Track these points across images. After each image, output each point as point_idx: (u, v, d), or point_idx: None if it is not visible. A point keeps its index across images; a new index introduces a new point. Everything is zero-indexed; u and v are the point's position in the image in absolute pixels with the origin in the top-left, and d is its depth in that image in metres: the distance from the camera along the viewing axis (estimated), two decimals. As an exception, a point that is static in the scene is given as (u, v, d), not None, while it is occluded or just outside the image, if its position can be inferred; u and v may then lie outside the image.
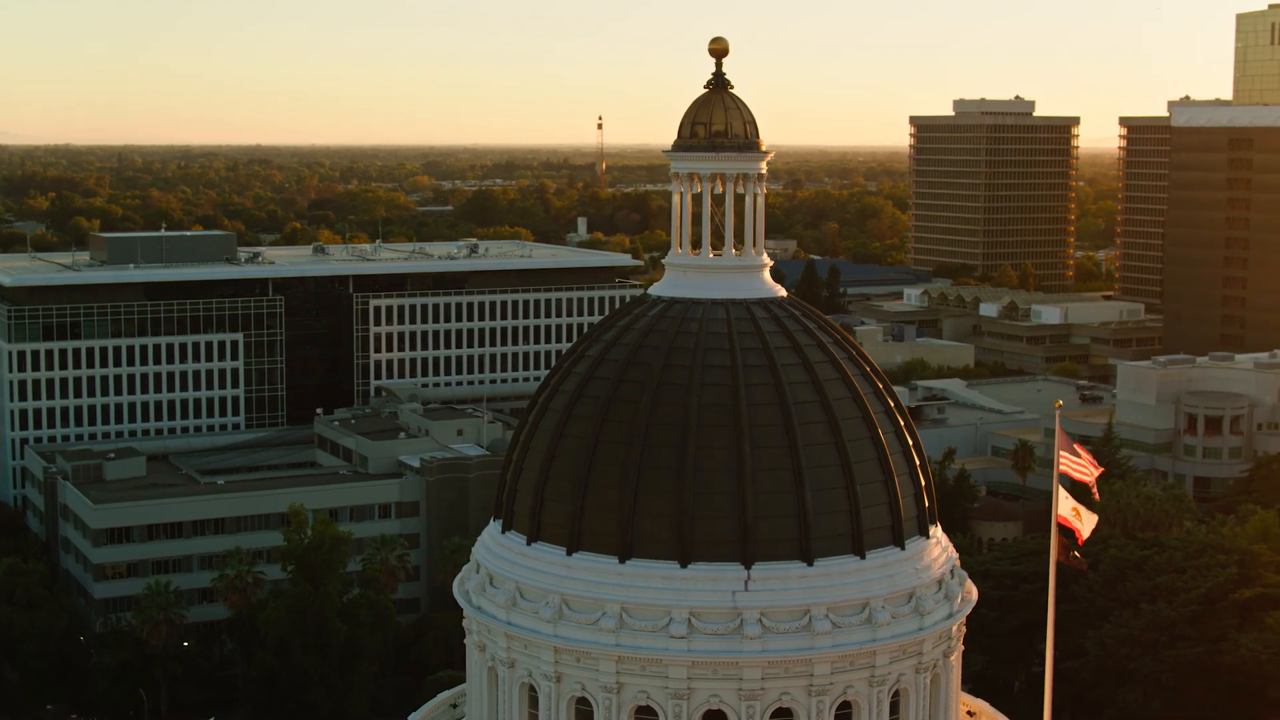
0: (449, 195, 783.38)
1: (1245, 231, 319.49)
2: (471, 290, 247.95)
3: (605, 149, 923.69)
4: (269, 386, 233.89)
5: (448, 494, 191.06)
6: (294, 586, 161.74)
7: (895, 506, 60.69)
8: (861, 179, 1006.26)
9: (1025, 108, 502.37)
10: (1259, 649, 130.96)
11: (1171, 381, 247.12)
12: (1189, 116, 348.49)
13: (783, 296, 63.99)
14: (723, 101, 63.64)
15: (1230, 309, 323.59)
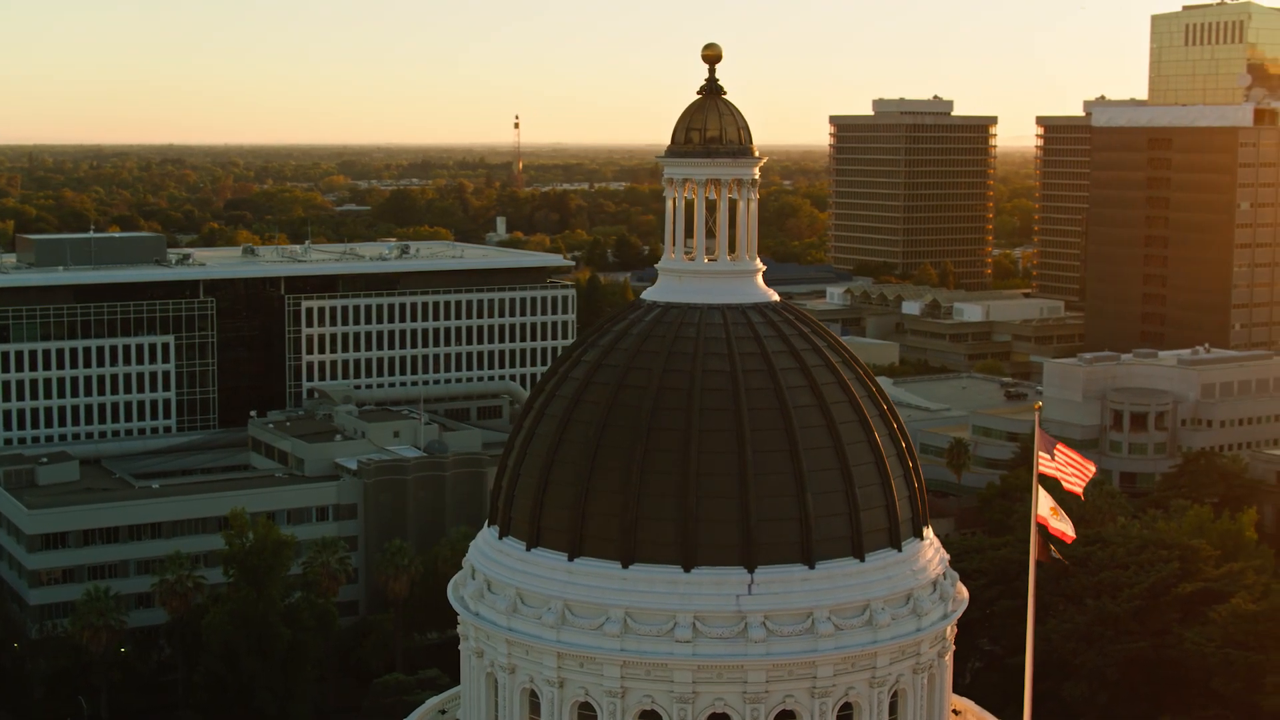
0: (366, 195, 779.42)
1: (1165, 230, 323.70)
2: (404, 291, 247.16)
3: (521, 148, 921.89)
4: (200, 389, 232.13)
5: (385, 496, 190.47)
6: (236, 591, 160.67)
7: (892, 509, 61.44)
8: (777, 177, 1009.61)
9: (944, 107, 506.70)
10: (1203, 642, 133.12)
11: (1097, 378, 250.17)
12: (1109, 116, 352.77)
13: (776, 301, 64.51)
14: (717, 107, 64.04)
15: (1150, 307, 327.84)
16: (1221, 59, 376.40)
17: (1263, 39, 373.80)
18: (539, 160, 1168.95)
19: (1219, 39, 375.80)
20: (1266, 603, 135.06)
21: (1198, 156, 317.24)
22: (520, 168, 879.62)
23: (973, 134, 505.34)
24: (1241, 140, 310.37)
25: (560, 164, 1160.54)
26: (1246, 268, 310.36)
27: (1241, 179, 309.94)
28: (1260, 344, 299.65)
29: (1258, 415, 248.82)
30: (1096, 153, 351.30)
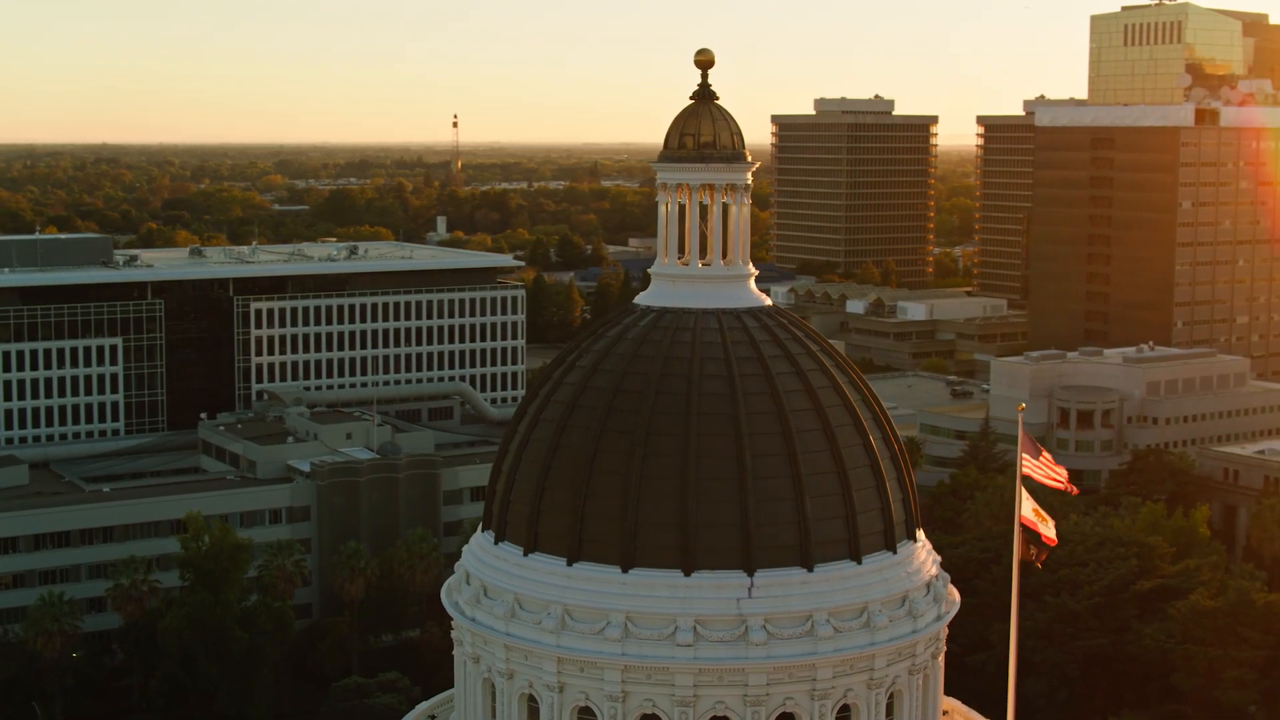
0: (304, 194, 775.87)
1: (1108, 229, 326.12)
2: (353, 292, 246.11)
3: (459, 147, 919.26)
4: (149, 391, 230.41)
5: (339, 498, 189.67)
6: (192, 594, 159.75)
7: (887, 511, 61.87)
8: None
9: (885, 106, 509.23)
10: (1162, 639, 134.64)
11: (1044, 376, 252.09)
12: (1052, 116, 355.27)
13: (769, 305, 64.80)
14: (710, 113, 64.21)
15: (1094, 305, 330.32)
16: (1160, 59, 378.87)
17: (1200, 39, 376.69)
18: (477, 159, 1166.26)
19: (1157, 39, 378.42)
20: (1224, 599, 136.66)
21: (1140, 156, 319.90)
22: (459, 167, 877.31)
23: (914, 133, 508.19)
24: (1183, 140, 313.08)
25: (498, 163, 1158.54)
26: (1188, 266, 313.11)
27: (1183, 178, 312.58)
28: (1202, 341, 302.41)
29: (1201, 412, 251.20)
30: (1040, 152, 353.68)
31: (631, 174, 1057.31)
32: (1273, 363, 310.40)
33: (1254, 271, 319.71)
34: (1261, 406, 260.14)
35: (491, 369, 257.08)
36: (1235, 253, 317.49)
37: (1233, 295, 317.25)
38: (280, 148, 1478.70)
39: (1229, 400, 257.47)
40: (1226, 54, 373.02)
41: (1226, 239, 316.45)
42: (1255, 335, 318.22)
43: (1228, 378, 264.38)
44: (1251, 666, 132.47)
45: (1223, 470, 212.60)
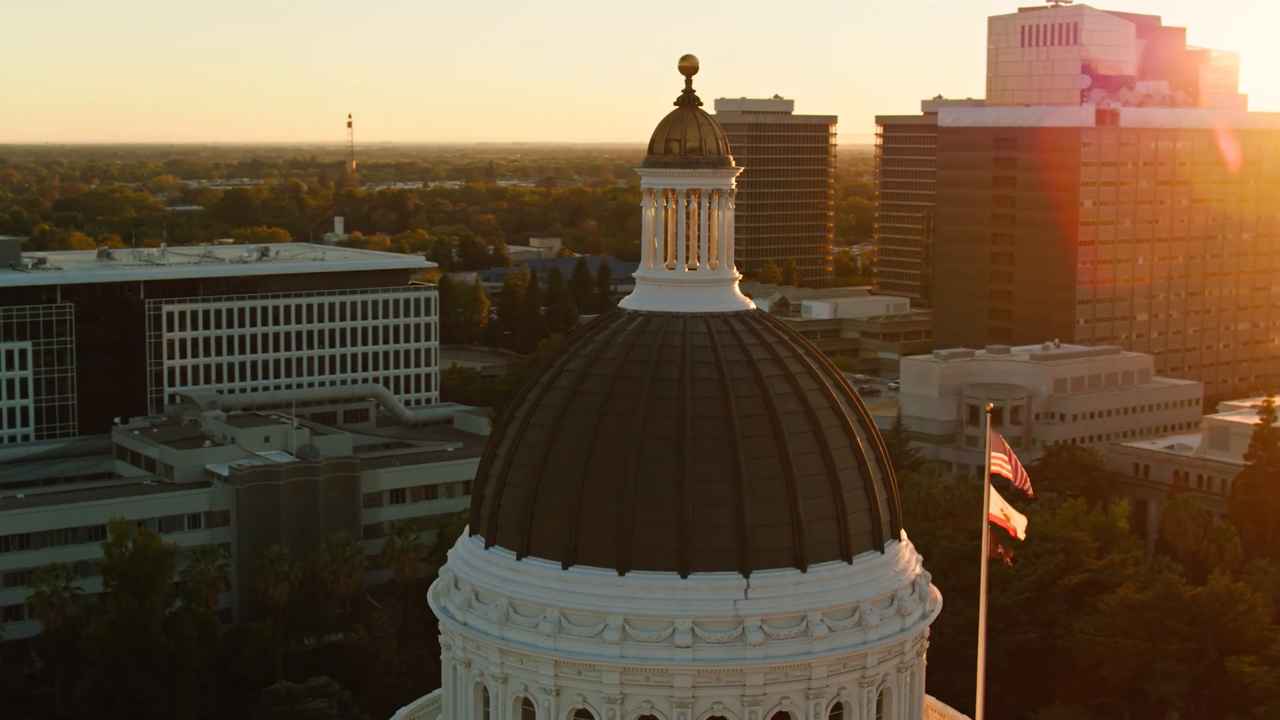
0: (197, 195, 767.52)
1: (1011, 228, 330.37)
2: (265, 294, 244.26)
3: (353, 147, 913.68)
4: (59, 396, 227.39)
5: (258, 502, 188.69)
6: (116, 601, 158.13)
7: (875, 511, 62.76)
8: (612, 176, 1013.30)
9: (784, 106, 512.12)
10: (1092, 632, 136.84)
11: (953, 374, 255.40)
12: (955, 116, 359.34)
13: (754, 309, 65.44)
14: (695, 118, 64.75)
15: (998, 303, 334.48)
16: (1057, 60, 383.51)
17: (1096, 41, 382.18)
18: (371, 159, 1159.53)
19: (1054, 41, 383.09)
20: (1152, 592, 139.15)
21: (1042, 156, 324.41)
22: (354, 167, 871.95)
23: (813, 133, 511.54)
24: (1084, 140, 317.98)
25: (392, 163, 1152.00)
26: (1090, 265, 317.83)
27: (1084, 178, 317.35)
28: (1103, 339, 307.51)
29: (1107, 409, 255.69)
30: (942, 152, 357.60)
31: (527, 174, 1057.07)
32: (1172, 359, 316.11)
33: (1153, 270, 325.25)
34: (1165, 402, 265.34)
35: (405, 370, 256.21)
36: (1135, 251, 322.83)
37: (1133, 293, 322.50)
38: (170, 147, 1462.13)
39: (1133, 396, 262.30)
40: (1120, 55, 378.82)
41: (1127, 238, 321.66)
42: (1155, 332, 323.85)
43: (1132, 374, 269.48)
44: (1179, 659, 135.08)
45: (1133, 465, 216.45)
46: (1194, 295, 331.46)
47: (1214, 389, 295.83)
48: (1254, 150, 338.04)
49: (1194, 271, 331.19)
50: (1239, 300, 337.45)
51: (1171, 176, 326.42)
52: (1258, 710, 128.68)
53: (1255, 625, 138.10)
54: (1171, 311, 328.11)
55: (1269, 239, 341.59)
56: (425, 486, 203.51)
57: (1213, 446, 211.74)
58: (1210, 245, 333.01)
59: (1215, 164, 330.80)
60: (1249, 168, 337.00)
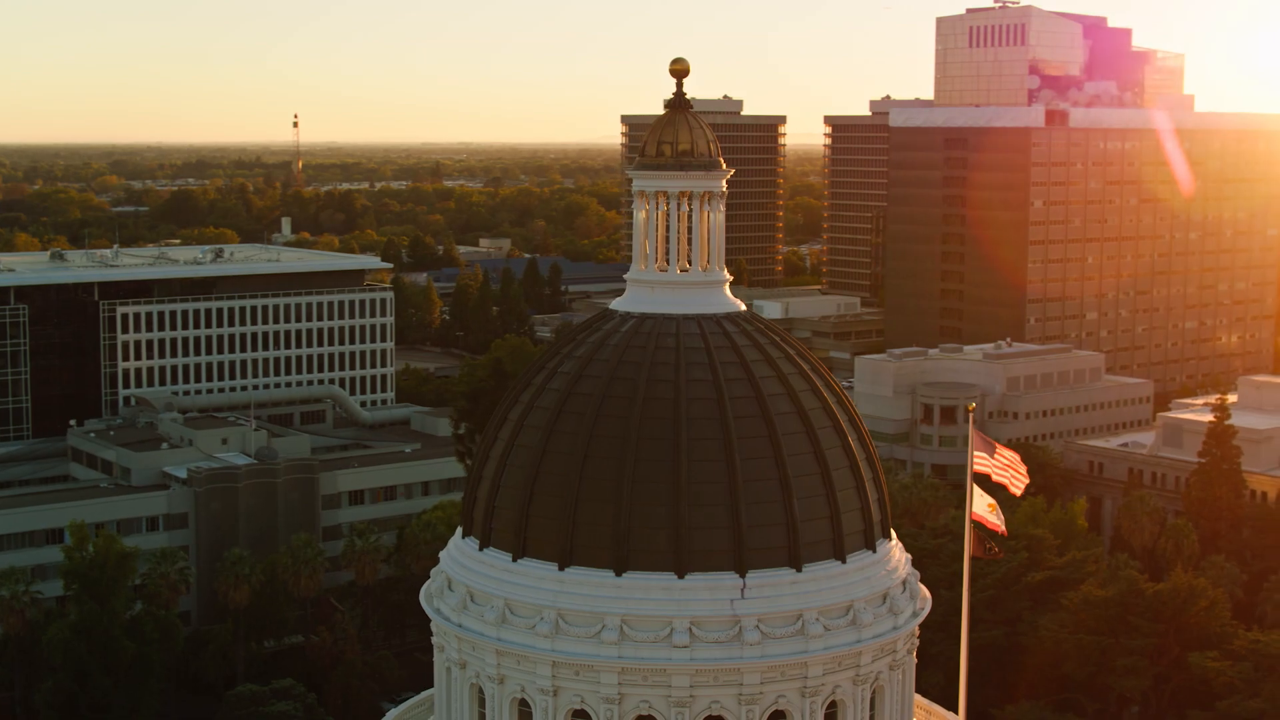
0: (143, 195, 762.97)
1: (961, 228, 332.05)
2: (220, 295, 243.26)
3: (299, 147, 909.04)
4: (13, 398, 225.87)
5: (217, 504, 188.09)
6: (78, 605, 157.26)
7: (867, 511, 63.37)
8: (558, 176, 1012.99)
9: (734, 106, 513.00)
10: (1055, 628, 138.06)
11: (907, 373, 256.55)
12: (906, 117, 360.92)
13: (745, 311, 65.91)
14: (687, 121, 65.11)
15: (949, 302, 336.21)
16: (1005, 60, 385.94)
17: (1043, 42, 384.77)
18: (316, 159, 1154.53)
19: (1002, 41, 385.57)
20: (1114, 588, 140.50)
21: (992, 156, 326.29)
22: (300, 167, 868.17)
23: (762, 133, 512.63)
24: (1034, 140, 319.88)
25: (338, 163, 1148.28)
26: (1040, 264, 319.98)
27: (1034, 178, 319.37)
28: (1053, 338, 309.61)
29: (1059, 407, 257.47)
30: (893, 152, 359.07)
31: (474, 174, 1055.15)
32: (1120, 358, 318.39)
33: (1102, 269, 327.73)
34: (1116, 400, 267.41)
35: (361, 371, 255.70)
36: (1085, 250, 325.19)
37: (1083, 292, 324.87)
38: (113, 148, 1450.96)
39: (1085, 395, 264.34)
40: (1067, 56, 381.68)
41: (1076, 237, 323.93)
42: (1104, 331, 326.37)
43: (1083, 372, 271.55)
44: (1142, 654, 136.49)
45: (1088, 463, 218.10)
46: (1142, 294, 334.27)
47: (1162, 387, 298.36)
48: (1200, 150, 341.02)
49: (1142, 271, 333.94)
50: (1187, 299, 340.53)
51: (1120, 176, 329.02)
52: (1221, 705, 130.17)
53: (1216, 621, 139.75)
54: (1120, 310, 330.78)
55: (1215, 238, 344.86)
56: (384, 488, 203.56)
57: (1166, 444, 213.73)
58: (1158, 245, 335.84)
59: (1163, 164, 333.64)
60: (1196, 167, 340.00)
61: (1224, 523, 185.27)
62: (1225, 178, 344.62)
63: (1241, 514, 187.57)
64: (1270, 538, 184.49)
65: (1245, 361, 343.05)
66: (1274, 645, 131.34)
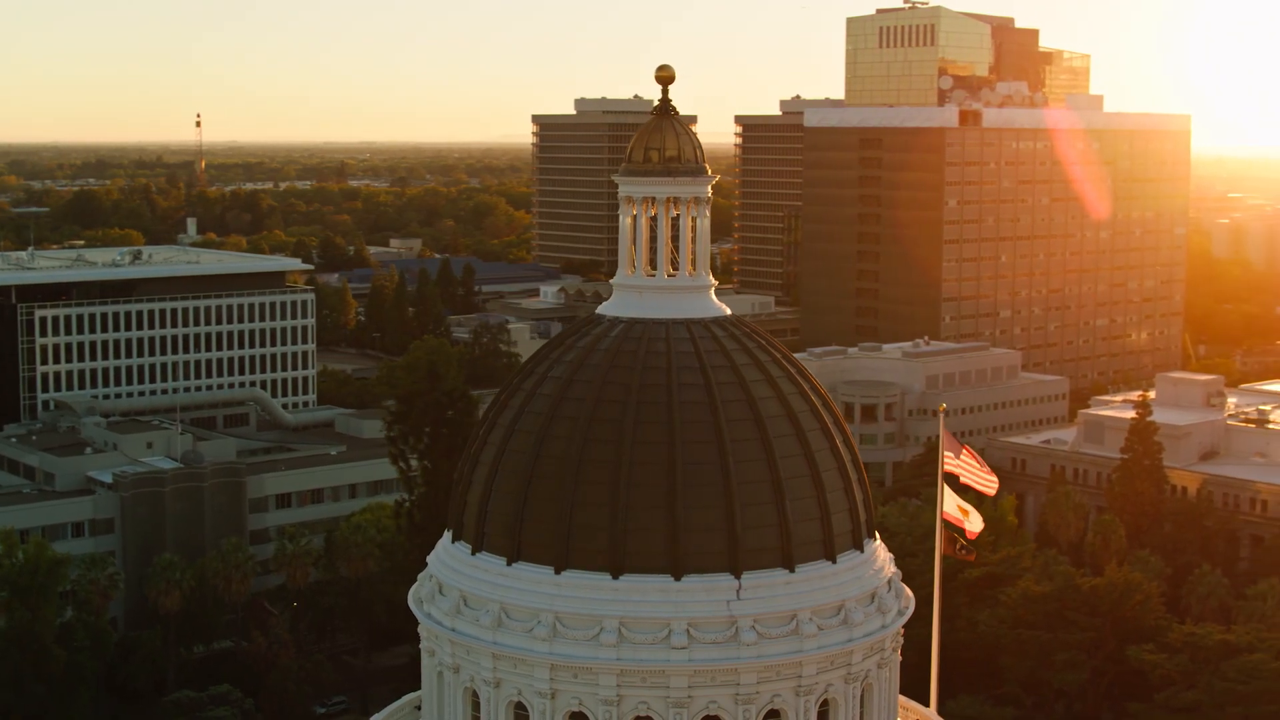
0: (42, 196, 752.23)
1: (876, 227, 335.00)
2: (140, 298, 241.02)
3: (202, 147, 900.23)
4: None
5: (143, 509, 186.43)
6: (9, 613, 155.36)
7: (854, 512, 64.25)
8: (464, 175, 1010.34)
9: (644, 106, 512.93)
10: (994, 624, 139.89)
11: (827, 372, 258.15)
12: (821, 117, 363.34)
13: (731, 315, 66.60)
14: (674, 127, 65.69)
15: (864, 301, 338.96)
16: (914, 61, 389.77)
17: (952, 42, 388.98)
18: (218, 159, 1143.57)
19: (911, 42, 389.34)
20: (1052, 584, 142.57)
21: (906, 156, 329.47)
22: (203, 166, 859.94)
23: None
24: (948, 140, 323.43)
25: (240, 163, 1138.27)
26: (954, 263, 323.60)
27: (949, 178, 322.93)
28: (968, 336, 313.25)
29: (978, 404, 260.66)
30: (808, 152, 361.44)
31: (378, 174, 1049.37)
32: (1034, 355, 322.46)
33: (1015, 267, 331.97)
34: (1033, 398, 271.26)
35: (283, 374, 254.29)
36: (998, 249, 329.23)
37: (996, 290, 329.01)
38: (9, 147, 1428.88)
39: (1003, 392, 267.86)
40: (975, 56, 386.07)
41: (990, 236, 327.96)
42: (1017, 329, 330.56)
43: (1001, 370, 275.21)
44: (1080, 648, 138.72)
45: (1010, 460, 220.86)
46: (1054, 292, 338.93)
47: (1075, 384, 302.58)
48: (1110, 150, 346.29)
49: (1054, 269, 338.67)
50: (1098, 297, 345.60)
51: (1032, 176, 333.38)
52: (1159, 697, 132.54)
53: (1151, 614, 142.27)
54: (1033, 309, 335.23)
55: (1125, 237, 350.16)
56: (311, 491, 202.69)
57: (1087, 440, 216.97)
58: (1069, 243, 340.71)
59: (1073, 163, 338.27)
60: (1105, 167, 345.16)
61: (1147, 518, 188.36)
62: (1134, 177, 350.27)
63: (1163, 509, 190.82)
64: (1191, 532, 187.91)
65: (1155, 358, 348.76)
66: (1209, 638, 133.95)
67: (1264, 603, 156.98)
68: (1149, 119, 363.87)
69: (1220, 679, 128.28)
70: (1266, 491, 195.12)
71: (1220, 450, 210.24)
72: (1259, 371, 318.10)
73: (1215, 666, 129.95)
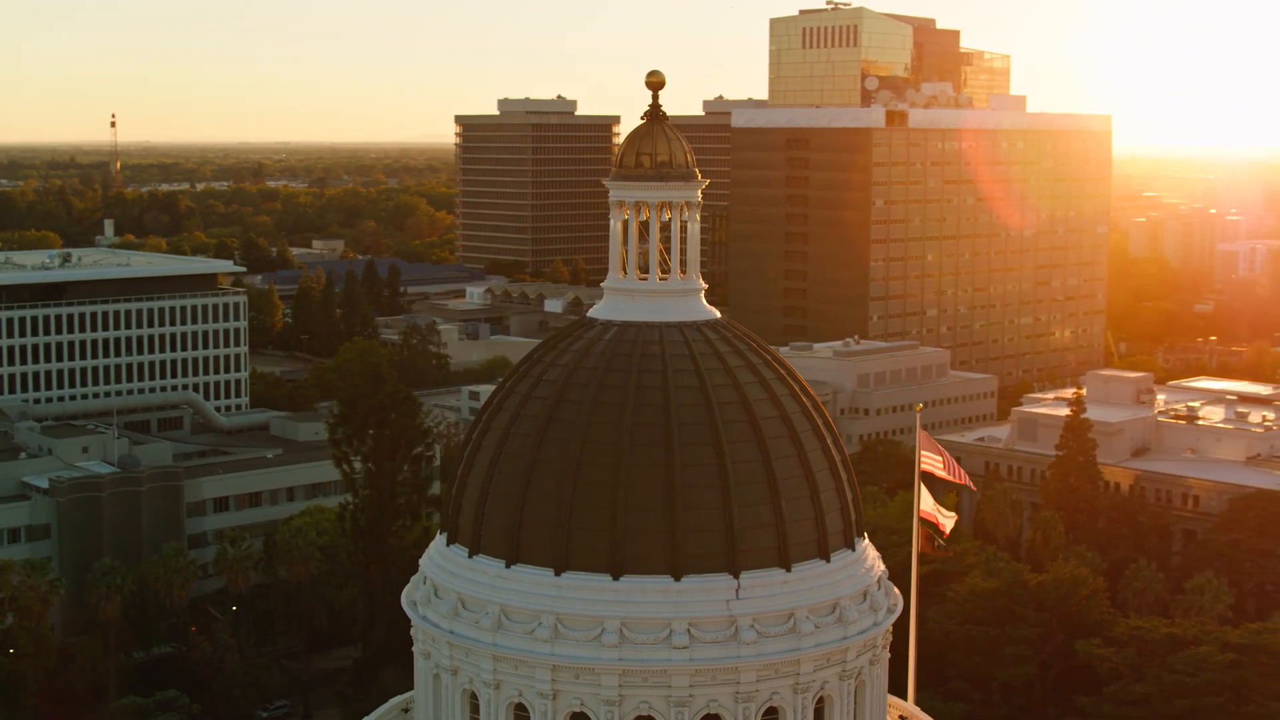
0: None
1: (804, 227, 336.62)
2: (70, 301, 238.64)
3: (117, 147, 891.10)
4: None
5: (80, 514, 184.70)
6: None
7: (846, 511, 65.21)
8: (382, 175, 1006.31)
9: (568, 107, 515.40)
10: (943, 620, 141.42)
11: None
12: (749, 118, 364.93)
13: (721, 318, 67.41)
14: (664, 133, 66.36)
15: (792, 301, 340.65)
16: (838, 61, 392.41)
17: (874, 43, 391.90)
18: (133, 159, 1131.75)
19: (834, 43, 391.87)
20: (999, 580, 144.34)
21: (834, 156, 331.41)
22: (119, 167, 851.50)
23: (596, 133, 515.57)
24: (875, 141, 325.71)
25: (156, 163, 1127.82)
26: (882, 262, 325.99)
27: (876, 178, 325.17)
28: (895, 335, 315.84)
29: (909, 402, 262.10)
30: (735, 152, 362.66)
31: (295, 174, 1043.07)
32: (960, 353, 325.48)
33: (941, 267, 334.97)
34: (963, 395, 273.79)
35: (215, 377, 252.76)
36: (924, 249, 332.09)
37: (923, 290, 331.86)
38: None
39: (933, 390, 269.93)
40: (897, 57, 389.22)
41: (916, 236, 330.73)
42: (944, 327, 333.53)
43: (930, 368, 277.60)
44: (1028, 643, 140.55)
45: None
46: (980, 291, 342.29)
47: (1001, 382, 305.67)
48: (1034, 150, 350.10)
49: (980, 268, 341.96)
50: (1022, 295, 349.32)
51: (958, 176, 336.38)
52: (1107, 690, 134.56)
53: (1097, 608, 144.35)
54: (959, 307, 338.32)
55: (1049, 236, 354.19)
56: (249, 494, 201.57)
57: (1021, 438, 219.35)
58: (994, 243, 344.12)
59: (998, 163, 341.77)
60: (1029, 167, 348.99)
61: (1082, 514, 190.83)
62: (1057, 176, 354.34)
63: (1098, 505, 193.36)
64: (1125, 528, 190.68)
65: (1078, 356, 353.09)
66: (1155, 631, 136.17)
67: (1201, 596, 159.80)
68: (1071, 119, 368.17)
69: (1168, 671, 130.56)
70: (1198, 487, 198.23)
71: (1152, 446, 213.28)
72: (1181, 368, 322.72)
73: (1162, 659, 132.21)
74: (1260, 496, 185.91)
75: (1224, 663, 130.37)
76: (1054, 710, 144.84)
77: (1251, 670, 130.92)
